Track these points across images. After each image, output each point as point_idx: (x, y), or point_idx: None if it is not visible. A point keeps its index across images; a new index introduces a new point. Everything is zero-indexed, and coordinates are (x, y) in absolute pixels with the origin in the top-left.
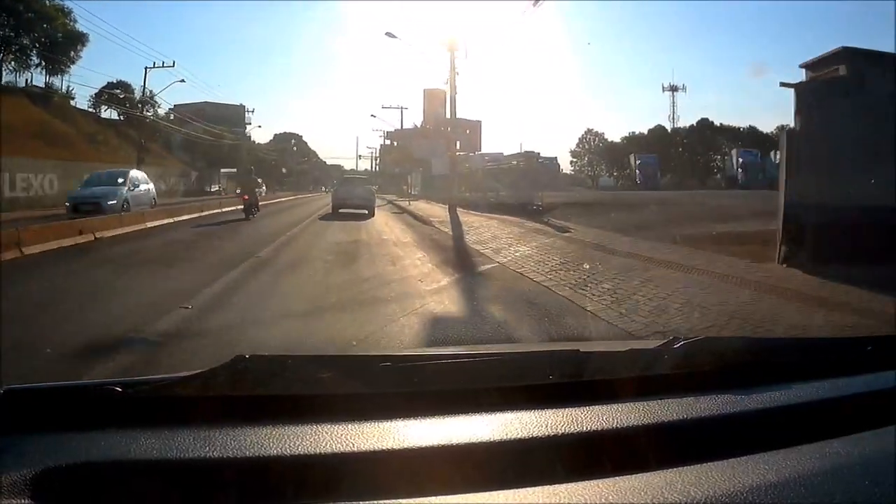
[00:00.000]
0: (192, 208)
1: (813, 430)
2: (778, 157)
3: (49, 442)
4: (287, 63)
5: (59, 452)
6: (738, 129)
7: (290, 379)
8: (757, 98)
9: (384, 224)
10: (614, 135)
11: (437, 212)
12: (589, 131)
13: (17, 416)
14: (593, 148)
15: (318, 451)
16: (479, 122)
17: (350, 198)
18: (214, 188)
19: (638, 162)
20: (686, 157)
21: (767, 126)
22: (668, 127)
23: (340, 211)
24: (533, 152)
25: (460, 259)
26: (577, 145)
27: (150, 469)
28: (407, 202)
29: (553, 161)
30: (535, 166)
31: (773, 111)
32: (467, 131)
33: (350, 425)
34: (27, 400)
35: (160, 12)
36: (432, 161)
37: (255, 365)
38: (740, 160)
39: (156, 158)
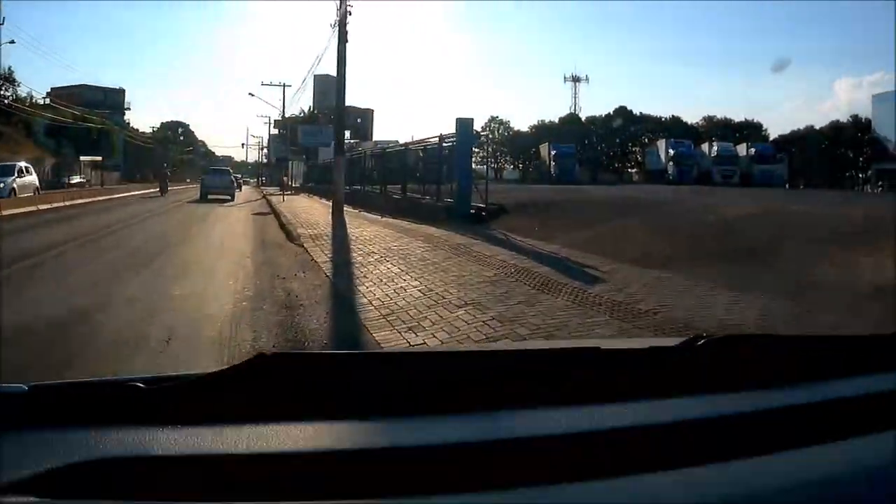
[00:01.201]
0: None
1: (839, 428)
2: (713, 150)
3: (74, 438)
4: (177, 52)
5: (83, 448)
6: (661, 119)
7: (311, 376)
8: (676, 89)
9: (219, 244)
10: (521, 124)
11: (315, 214)
12: (493, 119)
13: (42, 413)
14: (498, 137)
15: (340, 447)
16: (371, 110)
17: (213, 186)
18: (76, 179)
19: (553, 153)
20: (601, 148)
21: (692, 117)
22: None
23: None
24: (469, 119)
25: None
26: (479, 134)
27: (173, 465)
28: (281, 198)
29: None
30: (469, 143)
31: (695, 103)
32: (359, 119)
33: (372, 423)
34: (52, 396)
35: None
36: (320, 150)
37: (277, 362)
38: (671, 152)
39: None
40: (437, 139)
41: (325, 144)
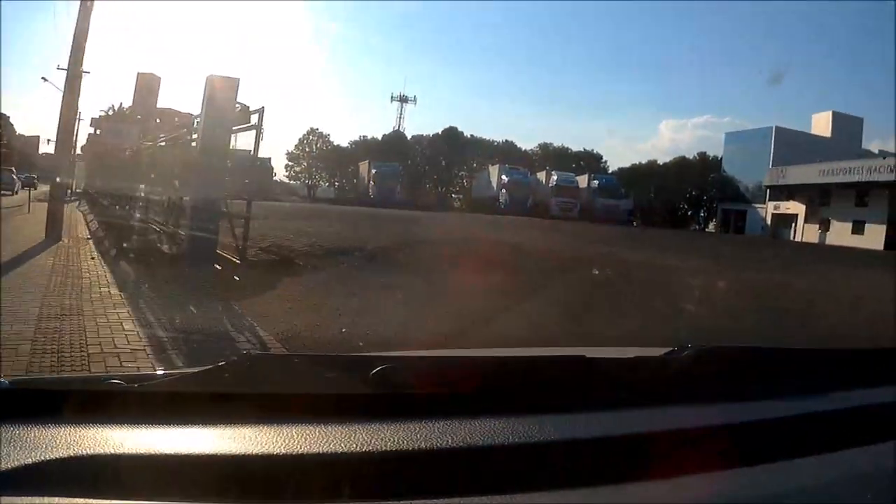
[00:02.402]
0: None
1: (819, 441)
2: (552, 179)
3: (52, 434)
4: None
5: (61, 445)
6: (493, 142)
7: (294, 377)
8: (509, 117)
9: None
10: (342, 139)
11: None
12: (312, 131)
13: (20, 409)
14: (316, 152)
15: (322, 450)
16: (192, 114)
17: None
18: None
19: (373, 171)
20: (425, 169)
21: (527, 143)
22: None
23: None
24: (231, 80)
25: None
26: (297, 147)
27: (151, 464)
28: (27, 207)
29: (266, 162)
30: (222, 139)
31: (528, 133)
32: (175, 119)
33: (354, 425)
34: (31, 393)
35: None
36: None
37: (261, 363)
38: (504, 179)
39: None
40: (177, 119)
41: (127, 145)
